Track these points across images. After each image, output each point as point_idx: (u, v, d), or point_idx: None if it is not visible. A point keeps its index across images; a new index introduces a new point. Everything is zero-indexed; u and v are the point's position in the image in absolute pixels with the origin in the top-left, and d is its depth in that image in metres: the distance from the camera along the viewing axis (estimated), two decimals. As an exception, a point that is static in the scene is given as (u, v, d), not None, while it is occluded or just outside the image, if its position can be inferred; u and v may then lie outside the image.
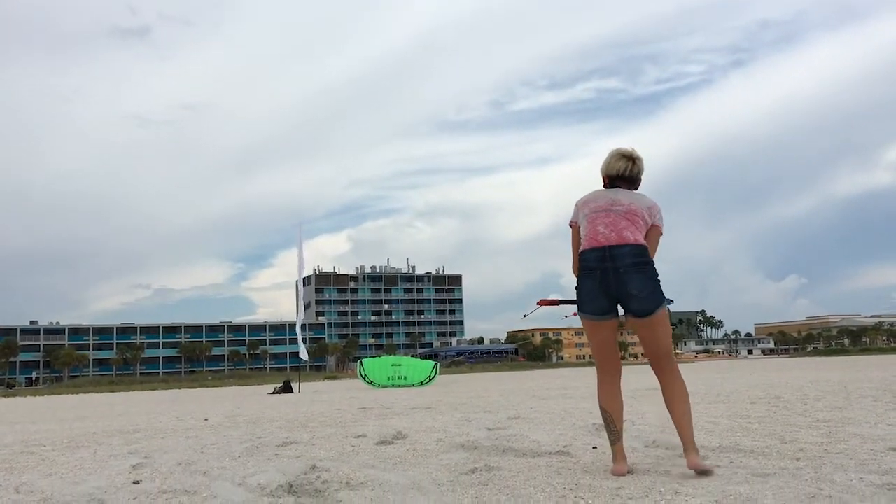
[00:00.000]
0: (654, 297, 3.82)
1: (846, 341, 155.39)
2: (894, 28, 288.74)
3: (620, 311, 3.95)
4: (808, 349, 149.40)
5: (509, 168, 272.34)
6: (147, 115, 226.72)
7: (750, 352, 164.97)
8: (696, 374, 24.77)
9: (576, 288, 4.03)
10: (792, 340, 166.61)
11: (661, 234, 4.05)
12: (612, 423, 3.98)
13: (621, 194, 4.03)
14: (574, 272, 4.10)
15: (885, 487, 3.14)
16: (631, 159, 4.10)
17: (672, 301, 4.07)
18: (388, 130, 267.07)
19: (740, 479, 3.54)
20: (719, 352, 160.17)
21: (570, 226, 4.20)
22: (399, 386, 5.31)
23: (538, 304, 4.42)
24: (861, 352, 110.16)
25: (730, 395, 9.99)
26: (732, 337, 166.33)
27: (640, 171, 4.14)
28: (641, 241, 3.90)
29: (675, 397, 3.88)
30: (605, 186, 4.14)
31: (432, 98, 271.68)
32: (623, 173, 4.08)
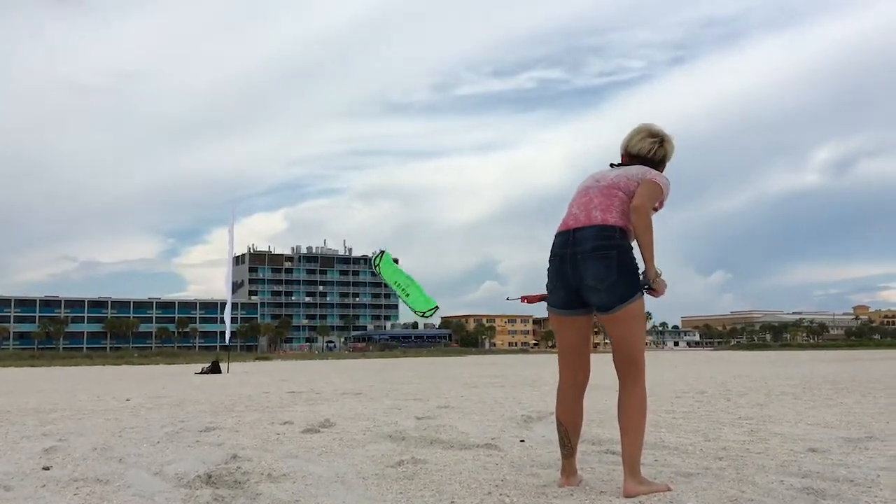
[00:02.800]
0: (615, 289, 3.22)
1: (768, 336, 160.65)
2: (832, 32, 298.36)
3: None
4: (732, 343, 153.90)
5: (451, 153, 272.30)
6: (81, 80, 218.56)
7: (676, 343, 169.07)
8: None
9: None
10: (717, 334, 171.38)
11: (660, 186, 3.35)
12: (566, 438, 3.46)
13: (618, 170, 3.50)
14: None
15: (805, 491, 3.18)
16: (659, 141, 3.53)
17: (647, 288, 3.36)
18: (331, 109, 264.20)
19: (665, 478, 3.56)
20: (647, 343, 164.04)
21: None
22: (401, 297, 5.16)
23: (522, 300, 3.92)
24: (781, 347, 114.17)
25: (655, 388, 10.16)
26: (660, 328, 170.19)
27: (665, 156, 3.57)
28: (612, 220, 3.29)
29: (627, 410, 3.29)
30: (622, 162, 3.60)
31: (377, 78, 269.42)
32: (647, 154, 3.52)
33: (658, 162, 3.54)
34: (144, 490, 3.44)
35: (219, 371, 22.55)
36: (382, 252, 4.19)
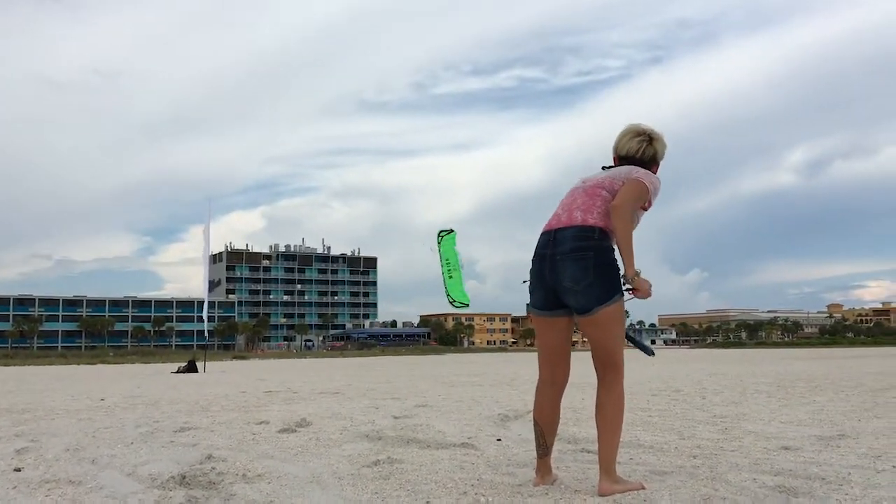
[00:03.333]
0: (592, 291, 3.19)
1: (744, 334, 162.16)
2: (806, 34, 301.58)
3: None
4: (708, 341, 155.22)
5: (429, 152, 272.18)
6: (56, 78, 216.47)
7: (653, 342, 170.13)
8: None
9: None
10: (693, 332, 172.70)
11: (645, 186, 3.30)
12: (542, 438, 3.45)
13: (608, 171, 3.47)
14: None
15: (777, 489, 3.21)
16: (647, 139, 3.50)
17: (653, 354, 3.49)
18: (308, 107, 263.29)
19: (639, 476, 3.58)
20: (628, 344, 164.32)
21: None
22: (443, 276, 5.15)
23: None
24: (757, 345, 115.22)
25: (631, 387, 10.22)
26: (637, 327, 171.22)
27: (656, 154, 3.52)
28: (592, 221, 3.27)
29: (605, 410, 3.28)
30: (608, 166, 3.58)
31: (354, 76, 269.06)
32: (635, 155, 3.48)
33: (648, 161, 3.50)
34: (117, 491, 3.40)
35: (195, 370, 22.40)
36: (451, 231, 4.17)
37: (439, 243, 3.73)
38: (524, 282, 3.55)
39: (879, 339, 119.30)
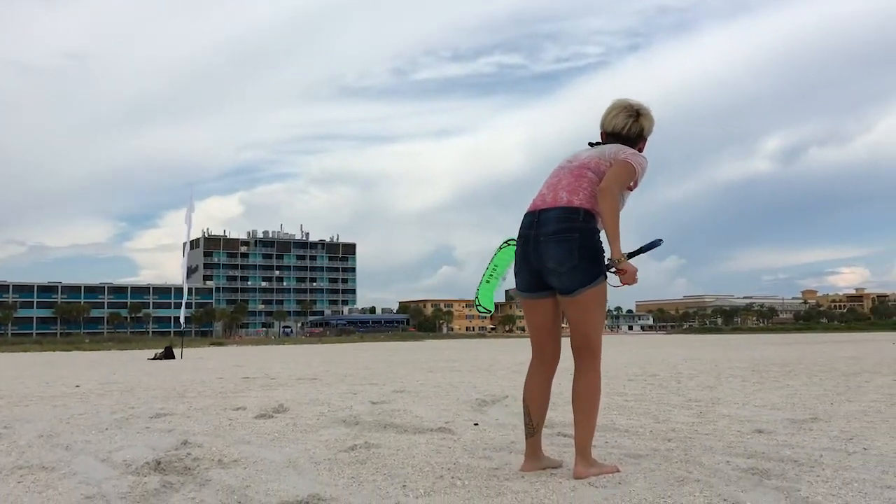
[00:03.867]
0: (576, 273, 3.15)
1: (720, 320, 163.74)
2: (783, 22, 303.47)
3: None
4: (685, 327, 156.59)
5: (408, 138, 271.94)
6: (28, 61, 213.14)
7: (630, 328, 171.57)
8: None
9: None
10: (670, 318, 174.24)
11: (633, 167, 3.25)
12: (528, 416, 3.40)
13: (594, 149, 3.40)
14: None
15: (750, 471, 3.25)
16: (634, 115, 3.42)
17: (660, 242, 3.35)
18: (287, 92, 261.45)
19: (614, 459, 3.60)
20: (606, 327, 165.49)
21: None
22: (485, 278, 5.01)
23: None
24: (733, 331, 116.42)
25: (608, 372, 10.29)
26: (615, 313, 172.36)
27: (643, 130, 3.44)
28: (577, 202, 3.22)
29: (581, 394, 3.28)
30: (595, 142, 3.50)
31: (333, 61, 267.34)
32: (621, 131, 3.41)
33: (636, 137, 3.43)
34: (91, 477, 3.38)
35: (172, 357, 22.28)
36: (512, 241, 4.09)
37: (501, 248, 3.72)
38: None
39: (853, 324, 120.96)
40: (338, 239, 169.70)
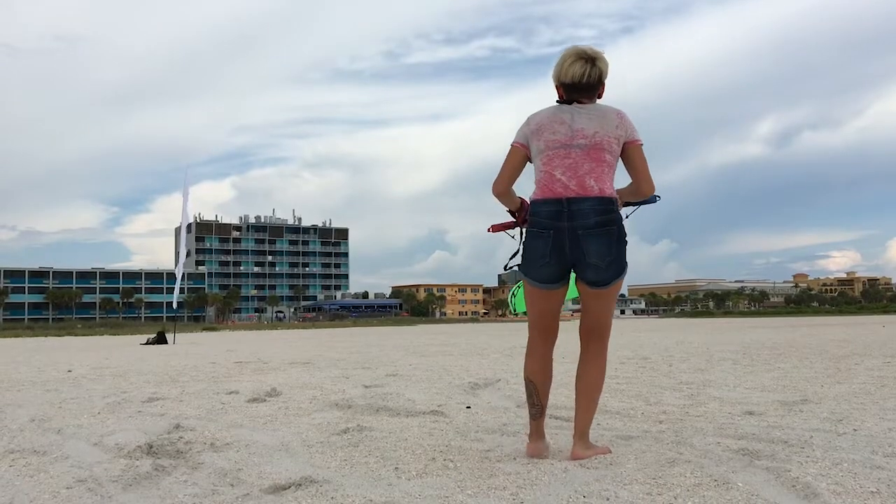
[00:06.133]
0: (616, 266, 3.15)
1: (711, 304, 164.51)
2: (774, 7, 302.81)
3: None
4: (677, 311, 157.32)
5: (401, 122, 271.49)
6: (17, 44, 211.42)
7: (623, 311, 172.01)
8: (571, 334, 25.57)
9: (522, 244, 3.30)
10: (662, 302, 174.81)
11: (642, 144, 3.25)
12: (535, 397, 3.32)
13: (583, 116, 3.21)
14: (495, 186, 3.32)
15: (741, 453, 3.27)
16: (589, 61, 3.22)
17: (658, 198, 3.41)
18: (278, 75, 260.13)
19: (606, 441, 3.62)
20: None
21: (512, 144, 3.33)
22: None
23: (490, 230, 3.52)
24: (724, 314, 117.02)
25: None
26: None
27: (601, 75, 3.26)
28: (608, 190, 3.15)
29: (588, 378, 3.30)
30: (559, 99, 3.30)
31: (326, 44, 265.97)
32: (580, 81, 3.21)
33: (595, 84, 3.25)
34: (83, 461, 3.37)
35: (165, 342, 22.24)
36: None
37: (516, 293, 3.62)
38: (512, 237, 3.43)
39: (843, 307, 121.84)
40: (330, 224, 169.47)
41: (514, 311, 3.75)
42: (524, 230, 3.33)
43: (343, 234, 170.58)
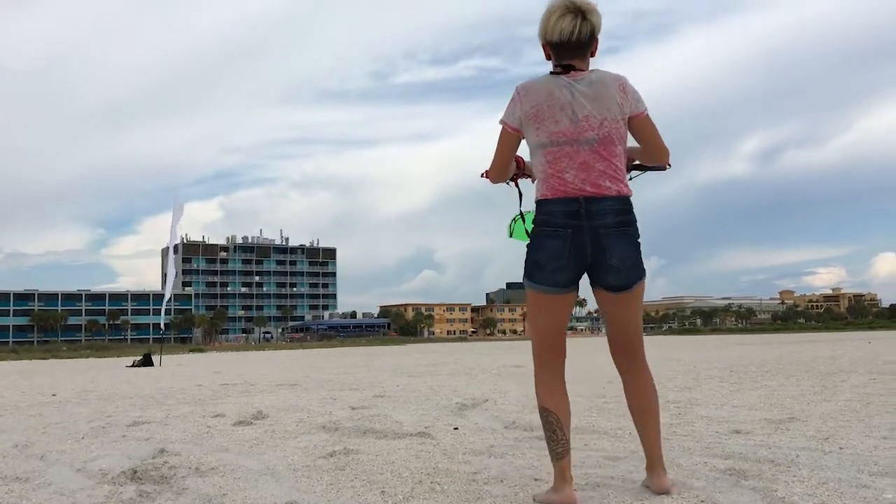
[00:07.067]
0: (636, 268, 2.90)
1: (698, 321, 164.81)
2: (760, 25, 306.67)
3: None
4: (665, 328, 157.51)
5: (388, 142, 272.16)
6: (6, 63, 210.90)
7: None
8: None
9: (529, 246, 2.95)
10: (649, 319, 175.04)
11: (647, 112, 2.97)
12: (559, 430, 2.88)
13: (585, 96, 2.87)
14: (492, 177, 3.13)
15: (728, 472, 3.27)
16: (578, 14, 2.85)
17: (668, 165, 3.16)
18: (266, 95, 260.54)
19: (593, 462, 3.61)
20: (582, 329, 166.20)
21: (503, 126, 2.99)
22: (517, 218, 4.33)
23: (483, 175, 3.20)
24: (711, 331, 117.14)
25: (588, 374, 10.33)
26: (595, 315, 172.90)
27: (594, 29, 2.89)
28: (626, 189, 2.92)
29: (648, 396, 3.03)
30: (547, 58, 2.97)
31: (313, 64, 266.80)
32: (569, 39, 2.85)
33: (588, 40, 2.90)
34: (66, 487, 3.34)
35: (151, 364, 22.07)
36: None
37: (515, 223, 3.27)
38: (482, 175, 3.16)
39: (830, 324, 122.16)
40: (318, 243, 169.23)
41: (511, 234, 3.40)
42: (525, 215, 3.15)
43: (331, 253, 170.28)
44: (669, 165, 3.14)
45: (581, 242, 2.82)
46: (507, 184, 3.24)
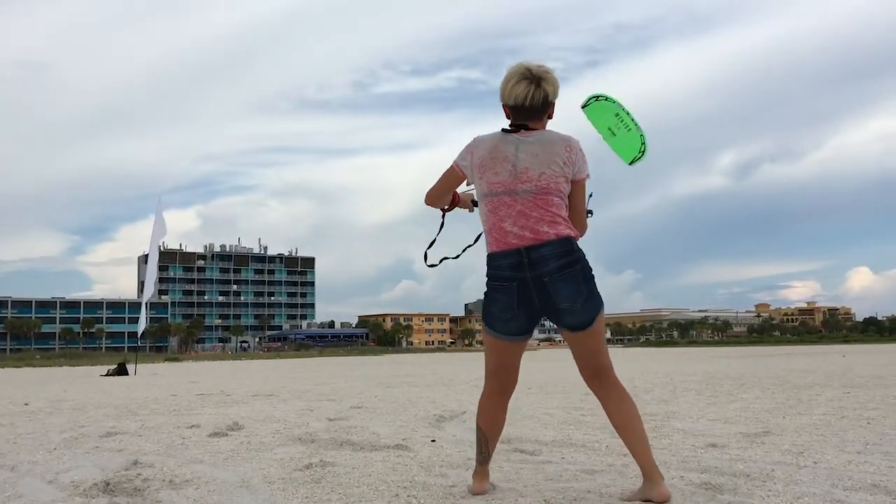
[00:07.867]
0: (590, 305, 2.99)
1: (675, 334, 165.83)
2: (737, 41, 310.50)
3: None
4: (642, 340, 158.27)
5: (368, 152, 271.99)
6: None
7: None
8: (537, 363, 25.61)
9: (484, 295, 3.13)
10: (627, 331, 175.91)
11: (587, 178, 3.16)
12: (484, 445, 3.25)
13: (528, 152, 3.04)
14: (427, 199, 3.33)
15: (703, 487, 3.28)
16: (533, 81, 3.04)
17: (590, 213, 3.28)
18: (245, 104, 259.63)
19: (570, 476, 3.61)
20: (560, 341, 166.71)
21: (454, 165, 3.20)
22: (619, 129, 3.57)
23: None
24: (688, 344, 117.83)
25: (566, 387, 10.34)
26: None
27: (548, 97, 3.07)
28: (564, 231, 3.01)
29: (628, 416, 3.11)
30: (507, 117, 3.14)
31: (293, 74, 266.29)
32: (524, 103, 3.04)
33: (541, 107, 3.08)
34: (37, 499, 3.29)
35: (126, 373, 21.84)
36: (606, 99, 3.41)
37: (591, 104, 2.95)
38: (430, 264, 3.57)
39: (805, 337, 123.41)
40: (296, 253, 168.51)
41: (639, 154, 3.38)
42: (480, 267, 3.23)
43: (309, 262, 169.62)
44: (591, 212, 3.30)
45: (527, 294, 2.99)
46: (441, 210, 3.47)
